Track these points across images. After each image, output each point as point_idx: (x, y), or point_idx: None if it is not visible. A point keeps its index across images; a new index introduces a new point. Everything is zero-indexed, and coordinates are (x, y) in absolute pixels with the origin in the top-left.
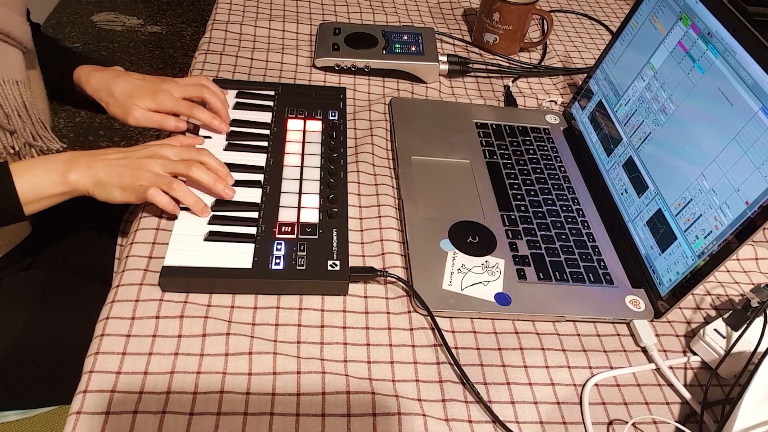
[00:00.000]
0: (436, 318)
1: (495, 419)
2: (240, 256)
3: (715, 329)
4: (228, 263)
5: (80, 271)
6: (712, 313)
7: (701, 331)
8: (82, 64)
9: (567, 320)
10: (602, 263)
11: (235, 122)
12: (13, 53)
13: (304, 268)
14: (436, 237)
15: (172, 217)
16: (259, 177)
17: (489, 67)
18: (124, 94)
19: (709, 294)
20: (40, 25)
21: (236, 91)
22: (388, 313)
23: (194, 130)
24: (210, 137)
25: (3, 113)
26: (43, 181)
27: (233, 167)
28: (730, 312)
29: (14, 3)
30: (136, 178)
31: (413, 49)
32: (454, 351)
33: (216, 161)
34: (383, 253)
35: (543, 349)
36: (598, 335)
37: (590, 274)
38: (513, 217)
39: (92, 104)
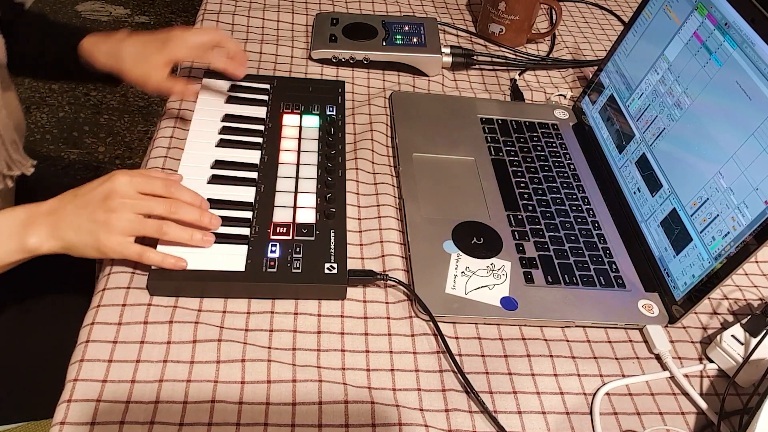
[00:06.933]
0: (439, 323)
1: (501, 430)
2: (232, 258)
3: (732, 335)
4: (220, 266)
5: (57, 278)
6: (730, 318)
7: (718, 337)
8: (85, 35)
9: (577, 326)
10: (614, 266)
11: (228, 117)
12: None
13: (299, 271)
14: (439, 238)
15: None
16: (253, 175)
17: (494, 60)
18: (135, 57)
19: (726, 298)
20: (23, 5)
21: (229, 85)
22: (389, 318)
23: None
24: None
25: None
26: None
27: (225, 164)
28: (749, 317)
29: None
30: (108, 229)
31: (415, 40)
32: (457, 358)
33: (189, 193)
34: (383, 256)
35: (551, 356)
36: (610, 341)
37: (601, 278)
38: (520, 217)
39: (104, 77)
